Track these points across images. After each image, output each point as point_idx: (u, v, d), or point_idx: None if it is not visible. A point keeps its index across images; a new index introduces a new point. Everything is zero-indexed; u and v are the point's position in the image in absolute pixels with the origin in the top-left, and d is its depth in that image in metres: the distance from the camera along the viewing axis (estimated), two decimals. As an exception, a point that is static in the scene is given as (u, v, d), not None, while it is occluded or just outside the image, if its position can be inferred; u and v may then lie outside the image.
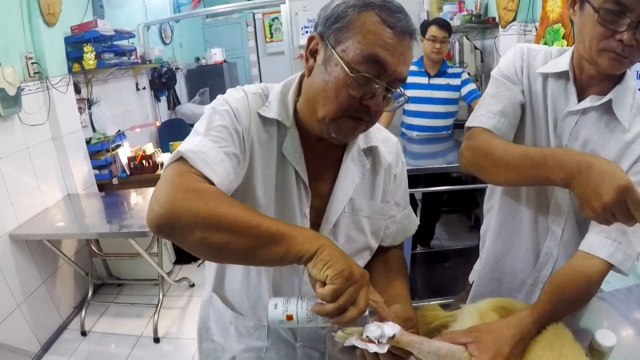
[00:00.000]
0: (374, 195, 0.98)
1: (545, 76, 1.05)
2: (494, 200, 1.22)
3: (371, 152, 0.97)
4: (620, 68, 0.92)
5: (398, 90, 0.81)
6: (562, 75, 1.03)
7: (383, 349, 0.73)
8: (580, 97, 1.01)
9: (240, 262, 0.86)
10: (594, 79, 0.98)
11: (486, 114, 1.04)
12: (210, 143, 0.78)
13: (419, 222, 1.12)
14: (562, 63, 1.02)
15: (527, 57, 1.07)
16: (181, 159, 0.75)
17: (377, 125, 0.93)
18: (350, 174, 0.94)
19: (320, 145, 0.89)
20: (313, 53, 0.82)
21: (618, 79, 0.97)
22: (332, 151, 0.93)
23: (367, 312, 0.73)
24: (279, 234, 0.69)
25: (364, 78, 0.75)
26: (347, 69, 0.75)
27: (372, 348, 0.73)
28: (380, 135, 1.00)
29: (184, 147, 0.77)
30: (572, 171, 0.81)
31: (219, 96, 0.88)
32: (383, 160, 0.98)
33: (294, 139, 0.88)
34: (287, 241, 0.69)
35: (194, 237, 0.67)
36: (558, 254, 1.09)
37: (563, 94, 1.03)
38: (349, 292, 0.68)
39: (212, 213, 0.67)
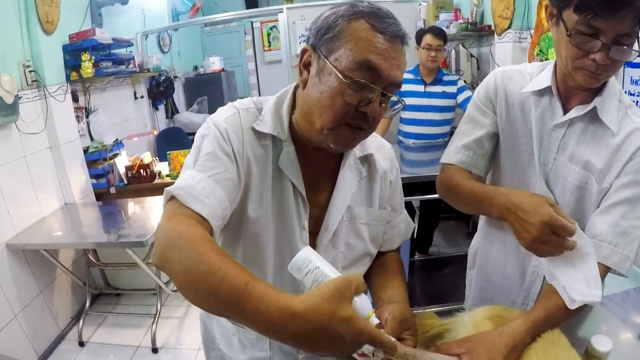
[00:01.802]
0: (371, 203, 0.99)
1: (527, 95, 1.05)
2: (480, 222, 1.27)
3: (367, 159, 0.97)
4: (597, 83, 0.93)
5: (394, 97, 0.81)
6: (545, 91, 1.03)
7: None
8: (566, 109, 1.01)
9: None
10: (577, 88, 0.98)
11: (453, 150, 1.14)
12: (200, 174, 0.78)
13: (415, 225, 1.12)
14: (544, 79, 1.03)
15: (501, 82, 1.10)
16: (173, 198, 0.76)
17: None
18: (348, 182, 0.94)
19: (316, 155, 0.90)
20: (306, 65, 0.83)
21: (601, 85, 0.97)
22: (329, 161, 0.93)
23: None
24: (238, 304, 0.60)
25: (358, 84, 0.75)
26: (341, 77, 0.75)
27: None
28: (374, 142, 1.01)
29: (173, 185, 0.77)
30: (502, 210, 0.96)
31: (208, 119, 0.88)
32: (379, 167, 0.99)
33: (290, 153, 0.88)
34: (244, 313, 0.60)
35: (176, 285, 0.67)
36: None
37: (548, 108, 1.03)
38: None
39: (181, 270, 0.65)
